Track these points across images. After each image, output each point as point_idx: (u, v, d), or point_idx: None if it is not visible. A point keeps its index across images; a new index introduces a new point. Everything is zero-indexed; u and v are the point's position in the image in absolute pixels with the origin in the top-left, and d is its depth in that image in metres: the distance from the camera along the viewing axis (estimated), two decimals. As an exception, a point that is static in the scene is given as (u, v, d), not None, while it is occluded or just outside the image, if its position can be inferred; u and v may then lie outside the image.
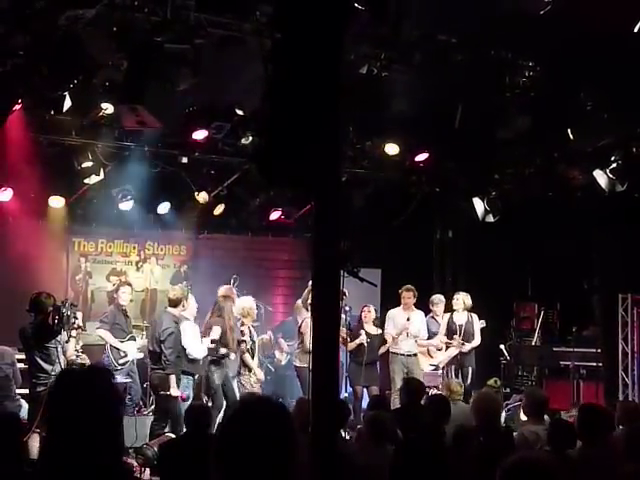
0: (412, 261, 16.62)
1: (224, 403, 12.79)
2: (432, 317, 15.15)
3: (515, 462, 4.14)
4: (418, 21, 10.69)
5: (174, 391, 12.54)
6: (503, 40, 11.35)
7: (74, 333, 11.77)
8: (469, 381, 14.46)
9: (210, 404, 12.62)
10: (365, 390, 14.20)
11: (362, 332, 14.31)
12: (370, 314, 14.69)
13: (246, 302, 14.01)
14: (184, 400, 12.43)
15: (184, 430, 9.27)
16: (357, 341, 14.13)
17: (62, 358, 11.23)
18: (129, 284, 14.60)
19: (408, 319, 14.64)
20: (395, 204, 16.59)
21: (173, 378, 12.58)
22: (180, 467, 7.88)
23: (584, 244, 15.48)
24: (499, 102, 12.71)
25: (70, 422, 3.26)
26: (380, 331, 14.64)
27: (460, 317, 14.84)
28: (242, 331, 13.54)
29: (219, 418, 12.06)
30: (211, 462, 3.19)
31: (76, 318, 11.70)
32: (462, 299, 14.85)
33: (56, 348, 11.28)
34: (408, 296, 14.82)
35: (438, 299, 15.21)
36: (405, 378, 12.89)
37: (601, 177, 14.04)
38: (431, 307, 15.11)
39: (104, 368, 8.27)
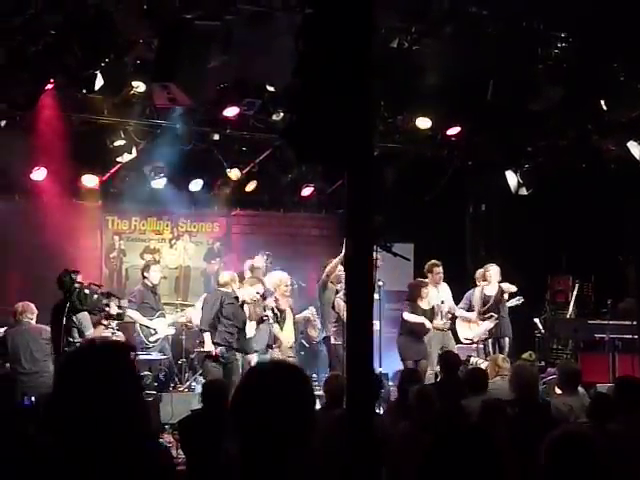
0: (445, 235, 16.56)
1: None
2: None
3: (560, 435, 4.13)
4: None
5: (207, 346, 12.69)
6: (535, 11, 11.25)
7: (105, 322, 11.87)
8: (506, 351, 14.46)
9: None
10: (415, 364, 14.17)
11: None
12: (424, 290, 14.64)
13: (276, 275, 14.13)
14: (216, 357, 12.57)
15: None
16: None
17: (78, 339, 11.33)
18: (158, 262, 14.63)
19: (442, 302, 14.60)
20: (428, 178, 16.51)
21: (208, 335, 12.71)
22: (198, 442, 7.93)
23: (618, 216, 15.35)
24: (531, 74, 12.62)
25: (77, 400, 3.13)
26: (431, 306, 14.60)
27: (491, 289, 14.82)
28: (265, 306, 13.68)
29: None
30: (228, 427, 3.16)
31: (108, 306, 11.75)
32: (496, 271, 14.81)
33: (73, 327, 11.41)
34: (438, 271, 14.80)
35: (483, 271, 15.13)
36: (441, 353, 12.85)
37: (635, 148, 13.93)
38: (483, 279, 15.00)
39: (123, 344, 8.26)
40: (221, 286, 13.20)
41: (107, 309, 11.78)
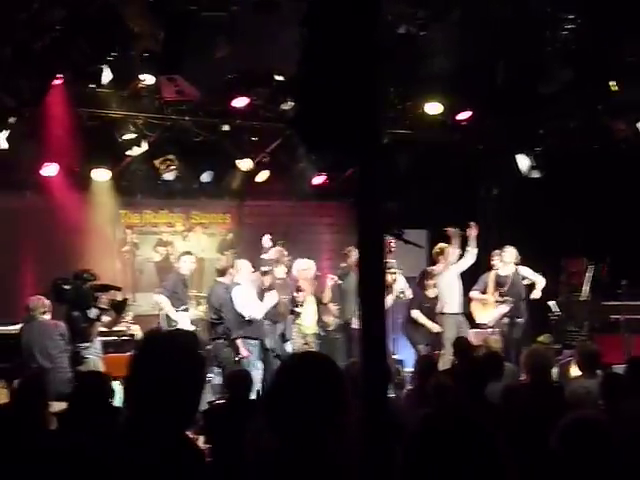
0: (458, 220, 16.49)
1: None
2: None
3: (571, 422, 4.11)
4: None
5: (244, 351, 13.13)
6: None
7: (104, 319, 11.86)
8: (521, 333, 14.49)
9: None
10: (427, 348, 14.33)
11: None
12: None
13: (303, 261, 14.67)
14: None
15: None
16: None
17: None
18: (190, 253, 14.53)
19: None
20: (439, 163, 16.47)
21: (240, 342, 13.12)
22: (224, 431, 7.94)
23: (632, 196, 15.26)
24: (540, 56, 12.57)
25: (149, 386, 3.32)
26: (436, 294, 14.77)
27: (506, 270, 14.85)
28: (296, 297, 13.90)
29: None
30: (261, 414, 3.21)
31: (96, 300, 11.59)
32: (511, 252, 14.85)
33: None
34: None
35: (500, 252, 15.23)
36: (455, 338, 12.84)
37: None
38: (498, 261, 15.09)
39: (188, 332, 8.30)
40: (222, 274, 13.69)
41: (97, 303, 11.58)
